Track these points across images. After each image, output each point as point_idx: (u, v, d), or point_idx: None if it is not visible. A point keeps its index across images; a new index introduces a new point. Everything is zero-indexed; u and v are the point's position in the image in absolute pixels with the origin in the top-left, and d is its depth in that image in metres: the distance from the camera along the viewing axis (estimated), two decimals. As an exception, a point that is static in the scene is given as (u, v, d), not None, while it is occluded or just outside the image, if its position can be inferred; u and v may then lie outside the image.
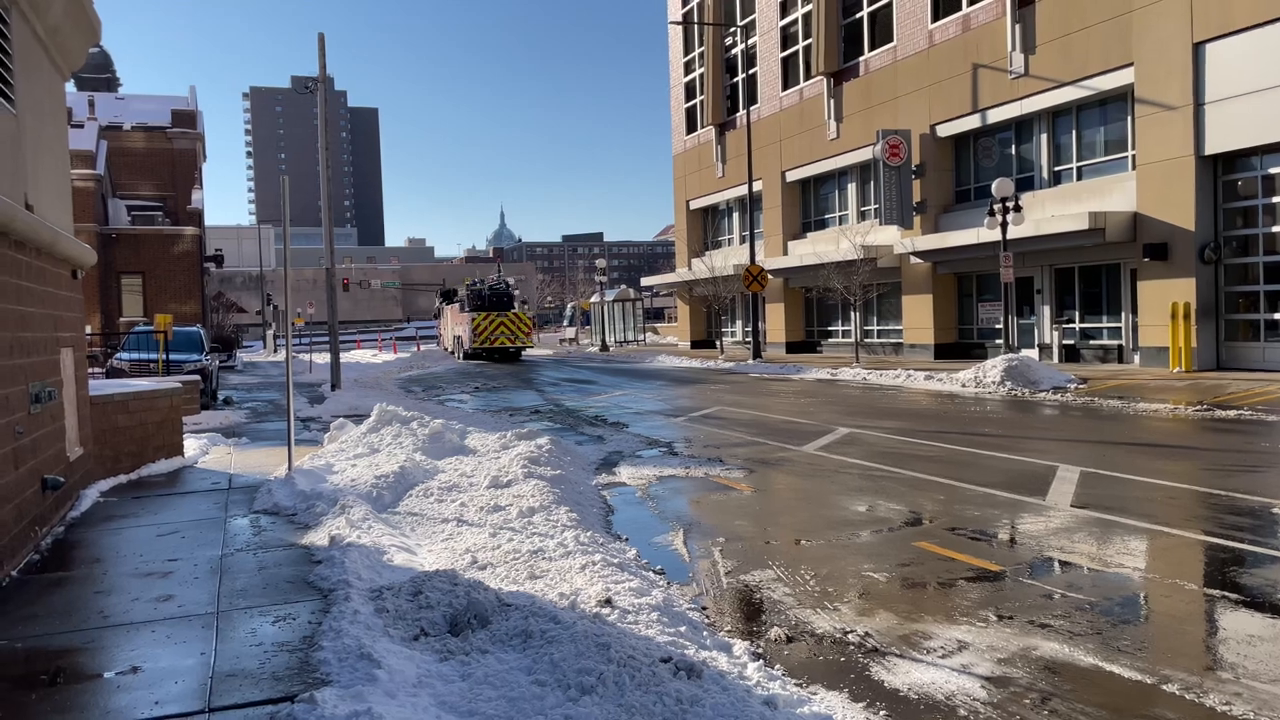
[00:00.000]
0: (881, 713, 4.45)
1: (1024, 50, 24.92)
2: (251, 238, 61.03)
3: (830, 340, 35.92)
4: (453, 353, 44.30)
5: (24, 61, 8.29)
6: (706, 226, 45.21)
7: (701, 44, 42.36)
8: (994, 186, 22.23)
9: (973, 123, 27.13)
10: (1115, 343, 23.76)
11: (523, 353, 42.18)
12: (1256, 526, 7.70)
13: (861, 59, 31.59)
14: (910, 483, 10.17)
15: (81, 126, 38.23)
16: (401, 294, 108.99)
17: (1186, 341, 20.74)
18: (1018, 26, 25.00)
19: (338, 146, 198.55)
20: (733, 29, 39.60)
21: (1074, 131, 24.73)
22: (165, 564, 7.14)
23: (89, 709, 4.54)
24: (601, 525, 8.43)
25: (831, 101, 33.07)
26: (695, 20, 42.46)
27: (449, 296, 48.02)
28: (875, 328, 32.86)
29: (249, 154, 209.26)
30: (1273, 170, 19.82)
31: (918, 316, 29.60)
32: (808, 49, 34.44)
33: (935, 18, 28.18)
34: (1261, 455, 11.16)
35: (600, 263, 54.93)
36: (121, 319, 36.13)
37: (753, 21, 38.33)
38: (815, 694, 4.66)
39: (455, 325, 44.08)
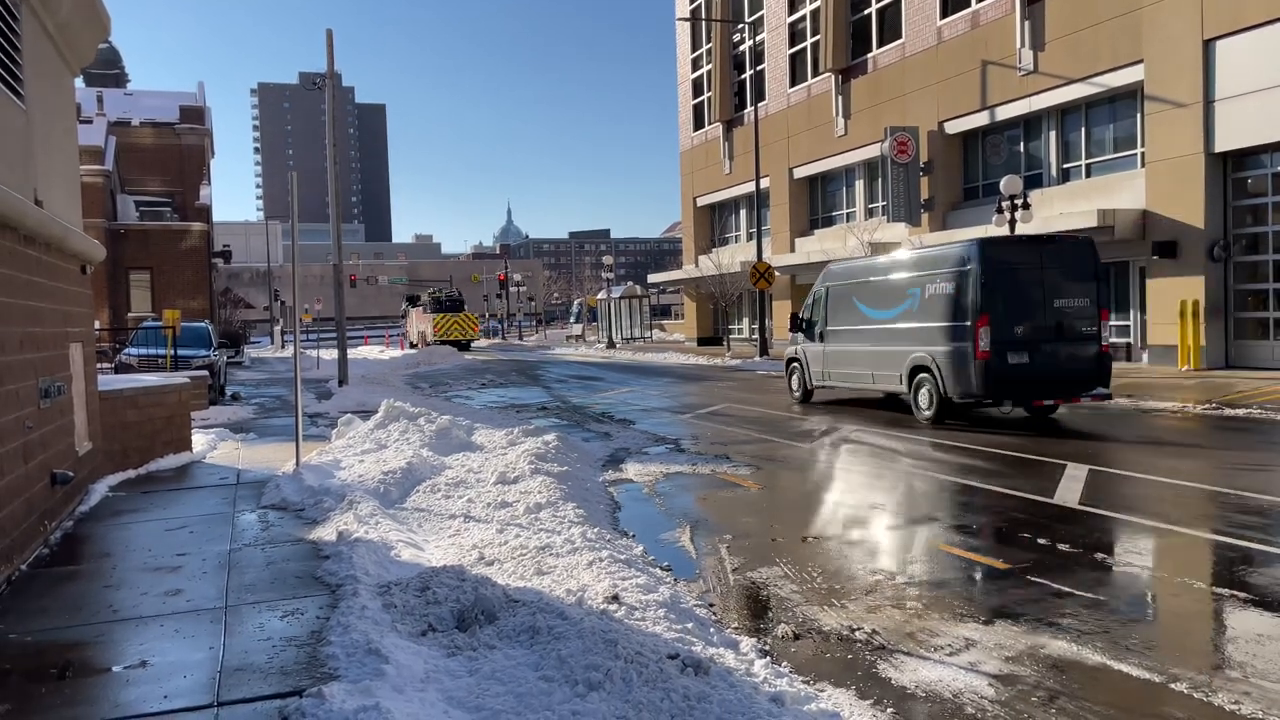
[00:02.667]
0: (889, 710, 4.44)
1: (1033, 47, 24.81)
2: (259, 234, 61.28)
3: (837, 337, 35.79)
4: (415, 344, 53.02)
5: (33, 57, 8.31)
6: (714, 223, 45.15)
7: (709, 40, 42.27)
8: (1002, 184, 22.12)
9: (981, 120, 27.04)
10: (1124, 341, 23.65)
11: (471, 344, 52.03)
12: (1266, 525, 7.66)
13: (870, 55, 31.49)
14: (918, 480, 10.16)
15: (90, 122, 38.36)
16: (409, 290, 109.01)
17: (1195, 340, 20.66)
18: (1027, 23, 24.90)
19: (345, 143, 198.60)
20: (741, 25, 39.53)
21: (1083, 129, 24.62)
22: (174, 559, 7.17)
23: (98, 702, 4.56)
24: (608, 521, 8.42)
25: (839, 98, 32.99)
26: (703, 17, 42.37)
27: (413, 301, 59.17)
28: (882, 325, 32.73)
29: (256, 150, 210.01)
30: (1283, 168, 19.72)
31: (925, 314, 29.48)
32: (816, 45, 34.34)
33: (944, 14, 28.07)
34: (1270, 453, 11.11)
35: (607, 259, 55.11)
36: (130, 314, 36.26)
37: (760, 18, 38.24)
38: (822, 691, 4.65)
39: (419, 323, 54.49)
